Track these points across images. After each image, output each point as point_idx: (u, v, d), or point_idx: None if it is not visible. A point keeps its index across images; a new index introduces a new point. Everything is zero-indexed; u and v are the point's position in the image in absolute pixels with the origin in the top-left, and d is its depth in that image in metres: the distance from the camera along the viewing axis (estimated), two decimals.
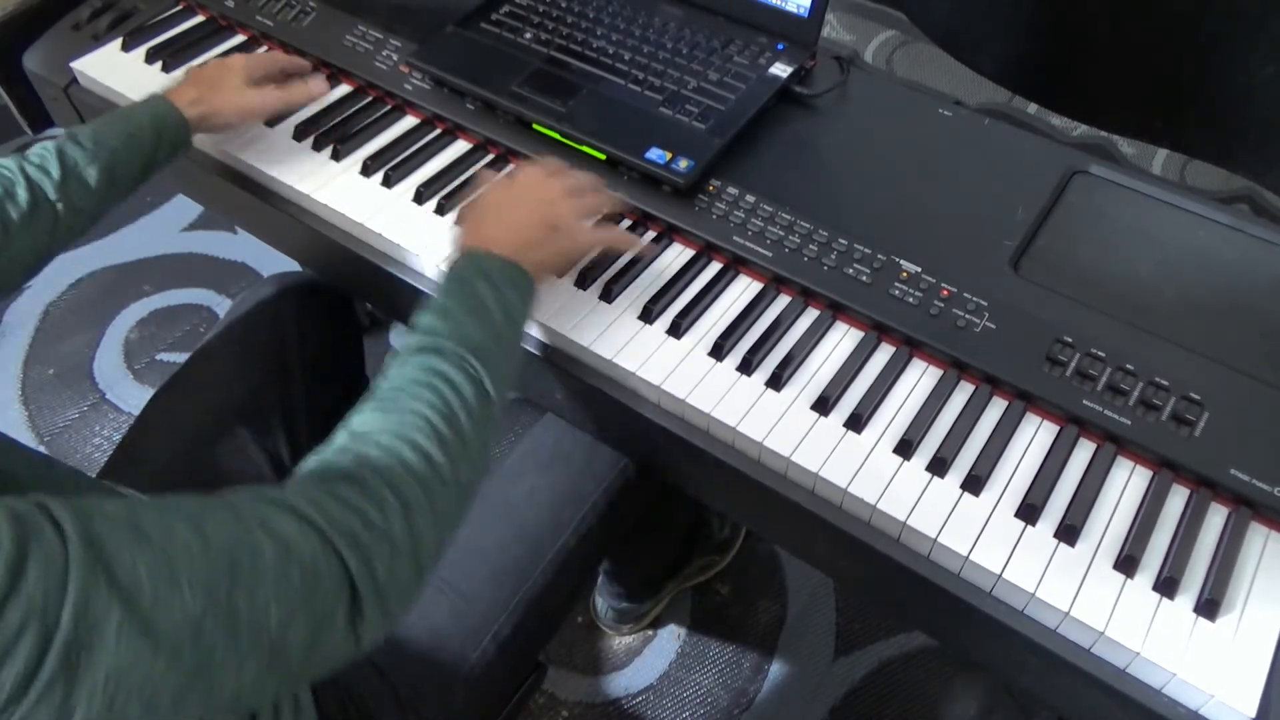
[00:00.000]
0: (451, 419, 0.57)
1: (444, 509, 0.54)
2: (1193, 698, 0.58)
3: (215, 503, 0.45)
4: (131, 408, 1.56)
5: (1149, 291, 0.74)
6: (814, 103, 0.90)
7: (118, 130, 0.77)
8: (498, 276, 0.66)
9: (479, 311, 0.63)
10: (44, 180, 0.72)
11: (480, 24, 0.94)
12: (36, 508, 0.39)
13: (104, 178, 0.75)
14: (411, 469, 0.53)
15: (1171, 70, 0.92)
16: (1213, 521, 0.64)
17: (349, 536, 0.48)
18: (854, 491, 0.65)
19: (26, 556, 0.36)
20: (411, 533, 0.51)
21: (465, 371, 0.59)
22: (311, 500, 0.48)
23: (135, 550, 0.40)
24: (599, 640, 1.30)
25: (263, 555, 0.44)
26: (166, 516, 0.42)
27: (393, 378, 0.59)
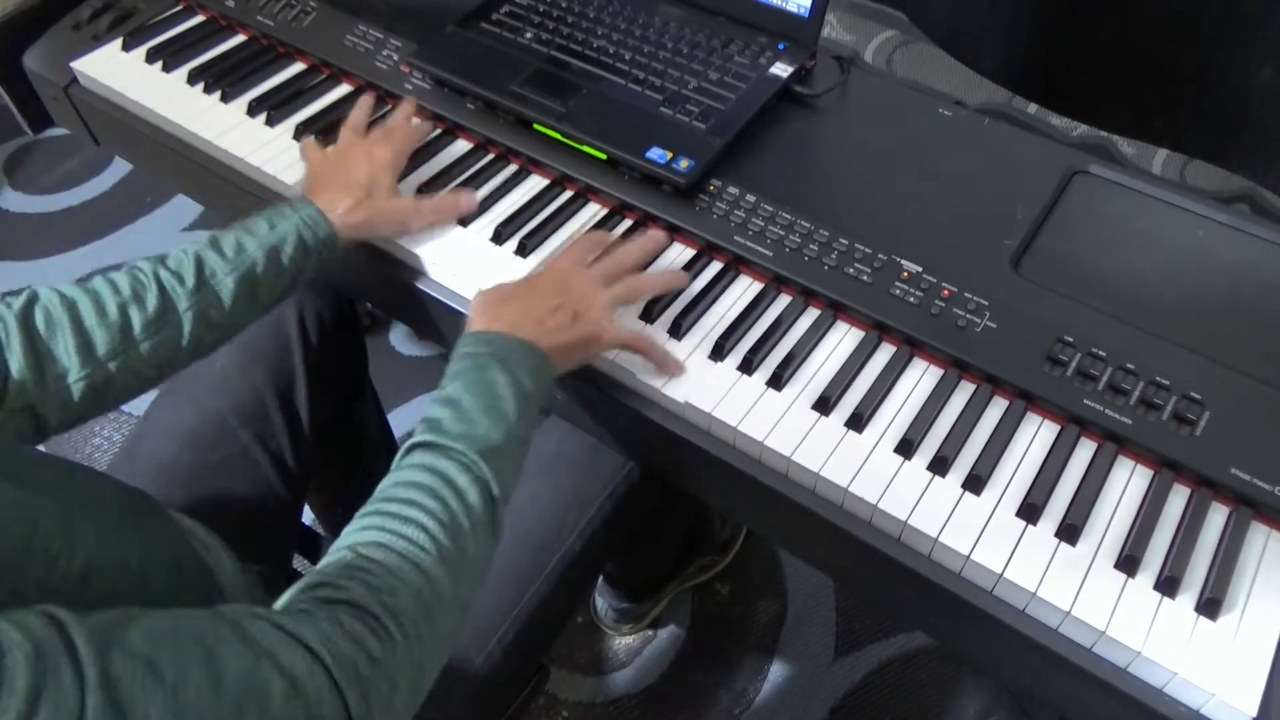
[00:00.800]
0: (455, 531, 0.55)
1: (444, 630, 0.53)
2: (1194, 697, 0.58)
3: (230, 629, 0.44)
4: (132, 408, 1.56)
5: (1149, 291, 0.74)
6: (814, 103, 0.90)
7: (262, 239, 0.71)
8: (515, 363, 0.63)
9: (491, 406, 0.60)
10: (177, 287, 0.67)
11: (480, 24, 0.94)
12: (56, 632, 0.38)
13: (243, 291, 0.69)
14: (415, 593, 0.52)
15: (1171, 70, 0.92)
16: (1214, 521, 0.64)
17: (353, 673, 0.47)
18: (855, 491, 0.65)
19: (39, 703, 0.36)
20: (412, 664, 0.50)
21: (472, 474, 0.57)
22: (320, 634, 0.47)
23: (150, 696, 0.39)
24: (599, 640, 1.30)
25: (271, 694, 0.43)
26: (183, 650, 0.42)
27: (399, 475, 0.57)
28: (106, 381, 0.64)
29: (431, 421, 0.60)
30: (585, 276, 0.71)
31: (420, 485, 0.56)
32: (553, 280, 0.70)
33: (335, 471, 1.08)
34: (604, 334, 0.69)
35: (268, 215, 0.73)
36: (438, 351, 1.64)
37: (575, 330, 0.68)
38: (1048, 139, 0.86)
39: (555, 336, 0.66)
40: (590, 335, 0.69)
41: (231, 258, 0.69)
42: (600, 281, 0.71)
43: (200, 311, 0.68)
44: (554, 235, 0.82)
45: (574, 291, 0.69)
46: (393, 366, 1.61)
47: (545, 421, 0.89)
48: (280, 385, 0.88)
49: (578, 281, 0.70)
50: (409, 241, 0.81)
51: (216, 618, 0.45)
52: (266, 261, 0.71)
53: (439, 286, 0.81)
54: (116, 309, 0.64)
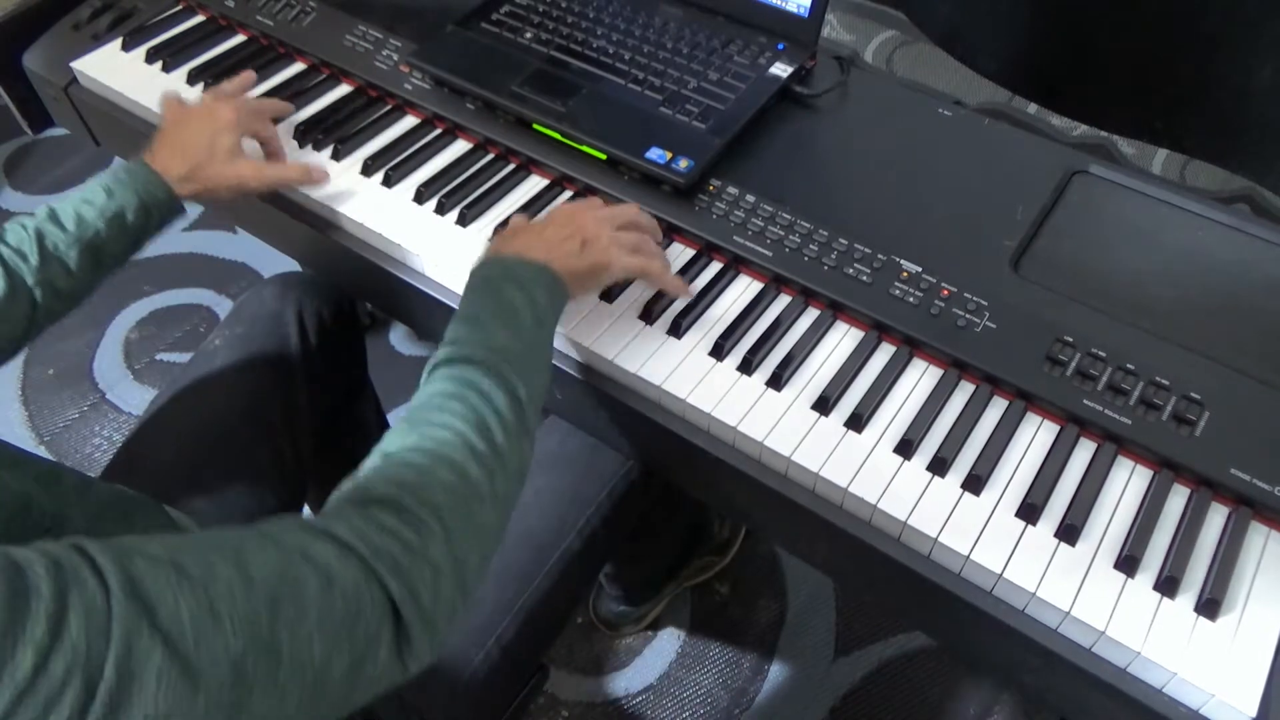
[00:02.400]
0: (485, 430, 0.55)
1: (483, 524, 0.53)
2: (1193, 697, 0.58)
3: (255, 534, 0.45)
4: (131, 408, 1.56)
5: (1149, 291, 0.74)
6: (814, 103, 0.90)
7: (101, 209, 0.73)
8: (527, 280, 0.64)
9: (508, 316, 0.62)
10: (21, 265, 0.69)
11: (480, 24, 0.94)
12: (76, 551, 0.38)
13: (87, 260, 0.71)
14: (448, 487, 0.52)
15: (1172, 70, 0.92)
16: (1213, 521, 0.64)
17: (390, 562, 0.47)
18: (854, 491, 0.65)
19: (67, 606, 0.36)
20: (452, 554, 0.50)
21: (497, 380, 0.58)
22: (352, 527, 0.47)
23: (177, 590, 0.39)
24: (599, 640, 1.30)
25: (305, 587, 0.43)
26: (208, 553, 0.42)
27: (424, 392, 0.58)
28: None
29: (451, 337, 0.61)
30: (594, 214, 0.72)
31: (446, 393, 0.57)
32: (562, 214, 0.72)
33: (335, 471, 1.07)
34: (613, 262, 0.70)
35: (105, 183, 0.74)
36: None
37: (585, 257, 0.69)
38: (1048, 139, 0.86)
39: (566, 260, 0.68)
40: (599, 262, 0.70)
41: (72, 230, 0.71)
42: (608, 221, 0.72)
43: (48, 284, 0.70)
44: None
45: (583, 224, 0.71)
46: (393, 366, 1.61)
47: (545, 421, 0.89)
48: (279, 385, 0.88)
49: (587, 216, 0.72)
50: (407, 240, 0.81)
51: (241, 528, 0.45)
52: (108, 229, 0.73)
53: (439, 286, 0.81)
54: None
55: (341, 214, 0.84)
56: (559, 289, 0.66)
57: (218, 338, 0.91)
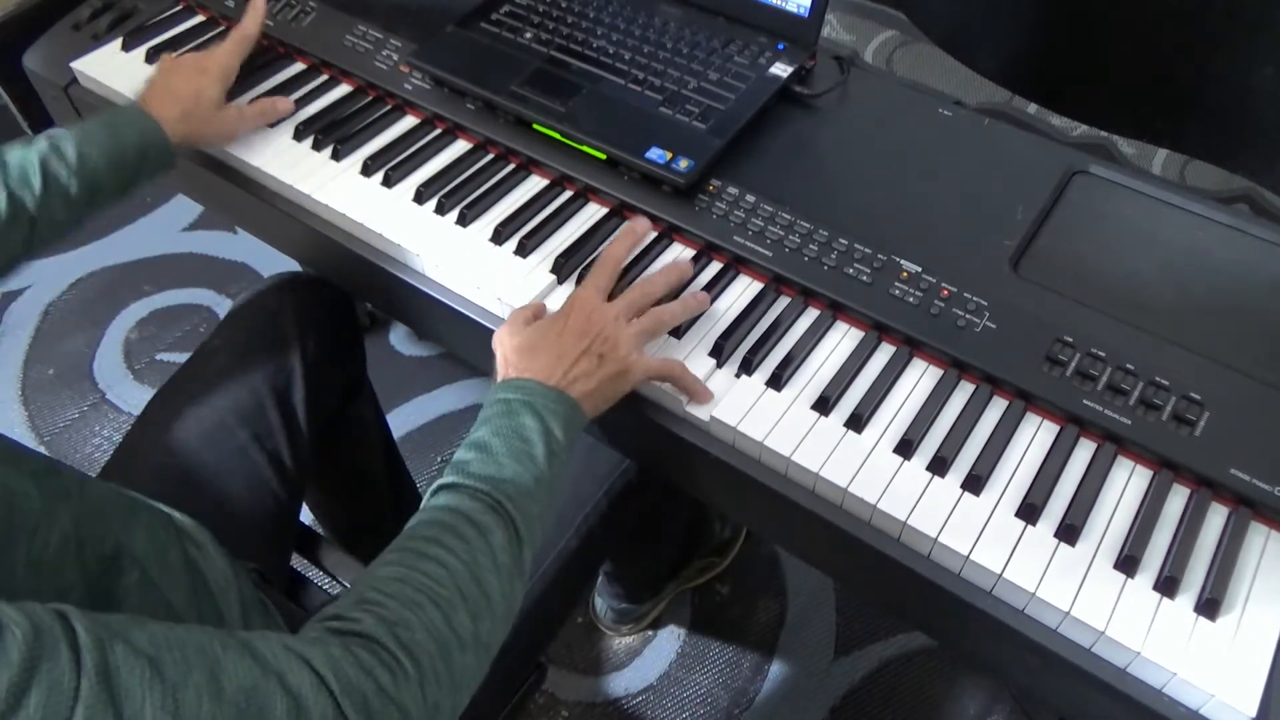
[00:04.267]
0: (476, 570, 0.55)
1: (462, 670, 0.52)
2: (1193, 697, 0.58)
3: (237, 645, 0.44)
4: (131, 408, 1.56)
5: (1149, 291, 0.74)
6: (814, 103, 0.90)
7: (102, 147, 0.76)
8: (545, 409, 0.63)
9: (520, 447, 0.60)
10: (25, 193, 0.72)
11: (480, 24, 0.94)
12: (59, 621, 0.38)
13: (84, 194, 0.75)
14: (431, 631, 0.51)
15: (1172, 70, 0.92)
16: (1213, 521, 0.64)
17: (360, 701, 0.46)
18: (854, 491, 0.65)
19: (33, 680, 0.36)
20: (426, 699, 0.49)
21: (498, 514, 0.57)
22: (329, 658, 0.47)
23: (148, 690, 0.39)
24: (599, 640, 1.30)
25: (272, 712, 0.43)
26: (188, 655, 0.42)
27: (423, 515, 0.57)
28: None
29: (459, 464, 0.60)
30: (608, 313, 0.70)
31: (443, 524, 0.56)
32: (577, 322, 0.69)
33: (334, 471, 1.08)
34: (632, 369, 0.69)
35: (107, 122, 0.78)
36: (438, 351, 1.64)
37: (602, 371, 0.67)
38: (1048, 139, 0.86)
39: (584, 383, 0.66)
40: (618, 372, 0.68)
41: (74, 164, 0.74)
42: (625, 315, 0.70)
43: (48, 213, 0.73)
44: (553, 235, 0.82)
45: (598, 332, 0.68)
46: (392, 366, 1.61)
47: None
48: (278, 384, 0.88)
49: (601, 320, 0.69)
50: (408, 240, 0.81)
51: (224, 634, 0.45)
52: (108, 168, 0.76)
53: (439, 286, 0.81)
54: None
55: (341, 214, 0.84)
56: (577, 418, 0.65)
57: (217, 337, 0.91)
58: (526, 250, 0.80)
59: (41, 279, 1.74)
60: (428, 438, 1.51)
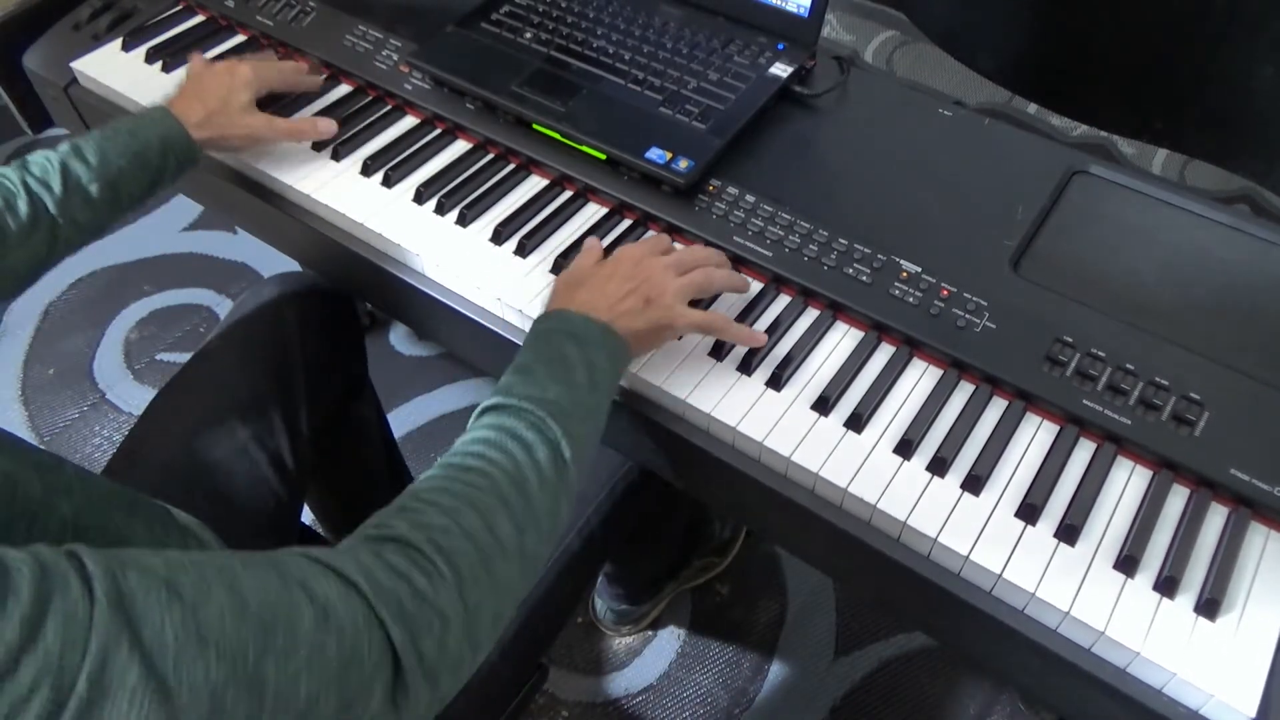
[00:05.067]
0: (521, 483, 0.54)
1: (505, 580, 0.51)
2: (1193, 697, 0.58)
3: (258, 559, 0.43)
4: (131, 408, 1.56)
5: (1149, 291, 0.74)
6: (814, 103, 0.90)
7: (124, 147, 0.76)
8: (584, 335, 0.63)
9: (562, 371, 0.60)
10: (45, 194, 0.71)
11: (480, 24, 0.94)
12: (67, 557, 0.37)
13: (107, 195, 0.74)
14: (472, 536, 0.50)
15: (1171, 70, 0.92)
16: (1213, 521, 0.64)
17: (395, 606, 0.45)
18: (854, 491, 0.65)
19: (46, 611, 0.35)
20: (466, 606, 0.48)
21: (541, 433, 0.56)
22: (360, 565, 0.45)
23: (166, 609, 0.38)
24: (599, 641, 1.30)
25: (300, 621, 0.41)
26: (205, 573, 0.40)
27: (466, 436, 0.57)
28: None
29: (502, 387, 0.59)
30: (658, 263, 0.70)
31: (487, 440, 0.56)
32: (626, 265, 0.70)
33: (335, 471, 1.08)
34: (677, 319, 0.69)
35: (129, 124, 0.78)
36: (438, 351, 1.64)
37: (648, 315, 0.67)
38: (1048, 139, 0.86)
39: (628, 320, 0.66)
40: (663, 321, 0.68)
41: (95, 165, 0.74)
42: (673, 269, 0.71)
43: (69, 216, 0.72)
44: (553, 235, 0.82)
45: (647, 277, 0.69)
46: (393, 366, 1.61)
47: None
48: (279, 385, 0.88)
49: (650, 268, 0.70)
50: (407, 240, 0.81)
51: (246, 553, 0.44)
52: (130, 168, 0.75)
53: (439, 286, 0.81)
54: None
55: (341, 214, 0.84)
56: (621, 351, 0.65)
57: (217, 337, 0.91)
58: (526, 250, 0.80)
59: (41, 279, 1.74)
60: (428, 438, 1.51)
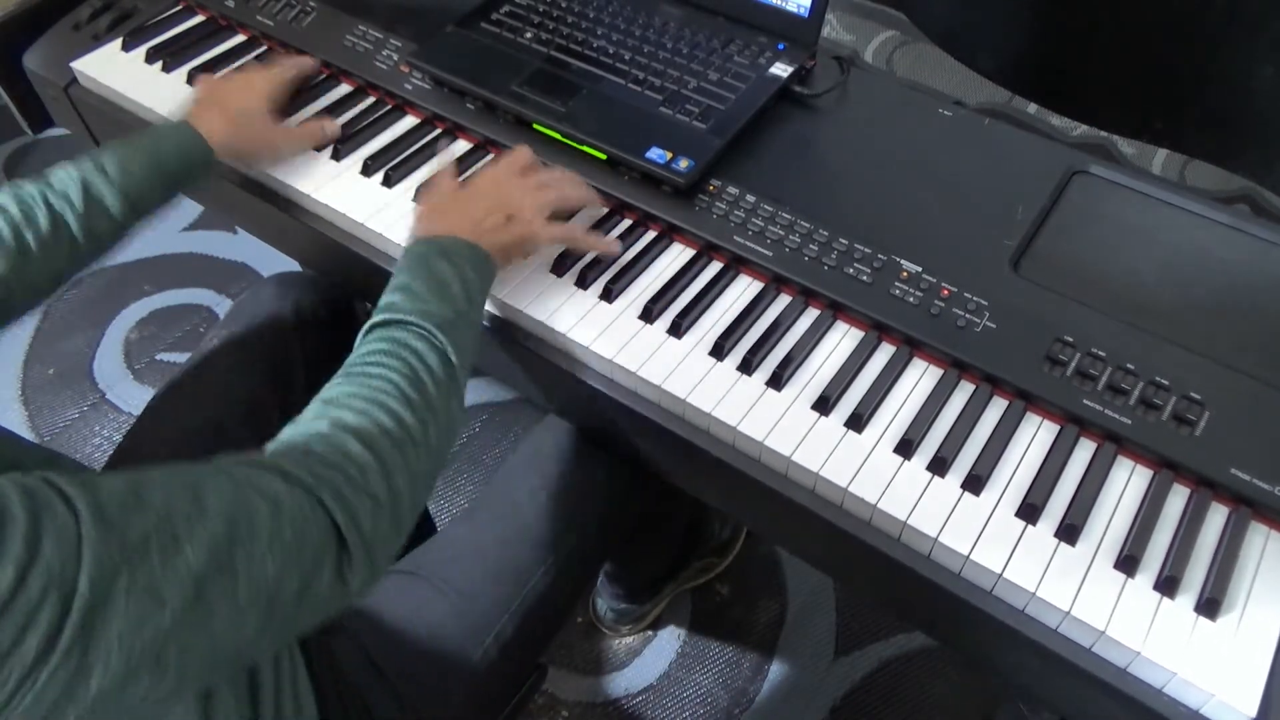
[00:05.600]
0: (419, 384, 0.59)
1: (418, 468, 0.57)
2: (1193, 697, 0.58)
3: (208, 469, 0.49)
4: (131, 408, 1.56)
5: (1149, 291, 0.74)
6: (814, 103, 0.90)
7: (143, 160, 0.76)
8: (456, 255, 0.68)
9: (439, 288, 0.65)
10: (66, 209, 0.72)
11: (480, 24, 0.94)
12: (45, 483, 0.41)
13: (126, 208, 0.75)
14: (385, 430, 0.56)
15: (1171, 70, 0.92)
16: (1213, 521, 0.64)
17: (333, 491, 0.51)
18: (854, 491, 0.65)
19: (41, 529, 0.39)
20: (390, 489, 0.54)
21: (429, 342, 0.62)
22: (296, 461, 0.52)
23: (140, 515, 0.42)
24: (599, 640, 1.30)
25: (256, 514, 0.47)
26: (167, 485, 0.45)
27: (359, 350, 0.62)
28: (7, 294, 0.69)
29: (385, 304, 0.64)
30: (517, 183, 0.76)
31: (381, 350, 0.61)
32: (486, 187, 0.76)
33: None
34: (538, 234, 0.75)
35: (150, 135, 0.79)
36: None
37: (510, 230, 0.73)
38: (1048, 139, 0.86)
39: (492, 236, 0.72)
40: (525, 235, 0.74)
41: (115, 177, 0.74)
42: (531, 187, 0.76)
43: (88, 227, 0.73)
44: None
45: (507, 196, 0.75)
46: None
47: (544, 420, 0.89)
48: (278, 384, 0.88)
49: (510, 187, 0.76)
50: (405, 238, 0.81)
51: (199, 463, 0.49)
52: (148, 180, 0.76)
53: None
54: (10, 232, 0.69)
55: (342, 214, 0.84)
56: (488, 265, 0.70)
57: (216, 337, 0.91)
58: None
59: None
60: None
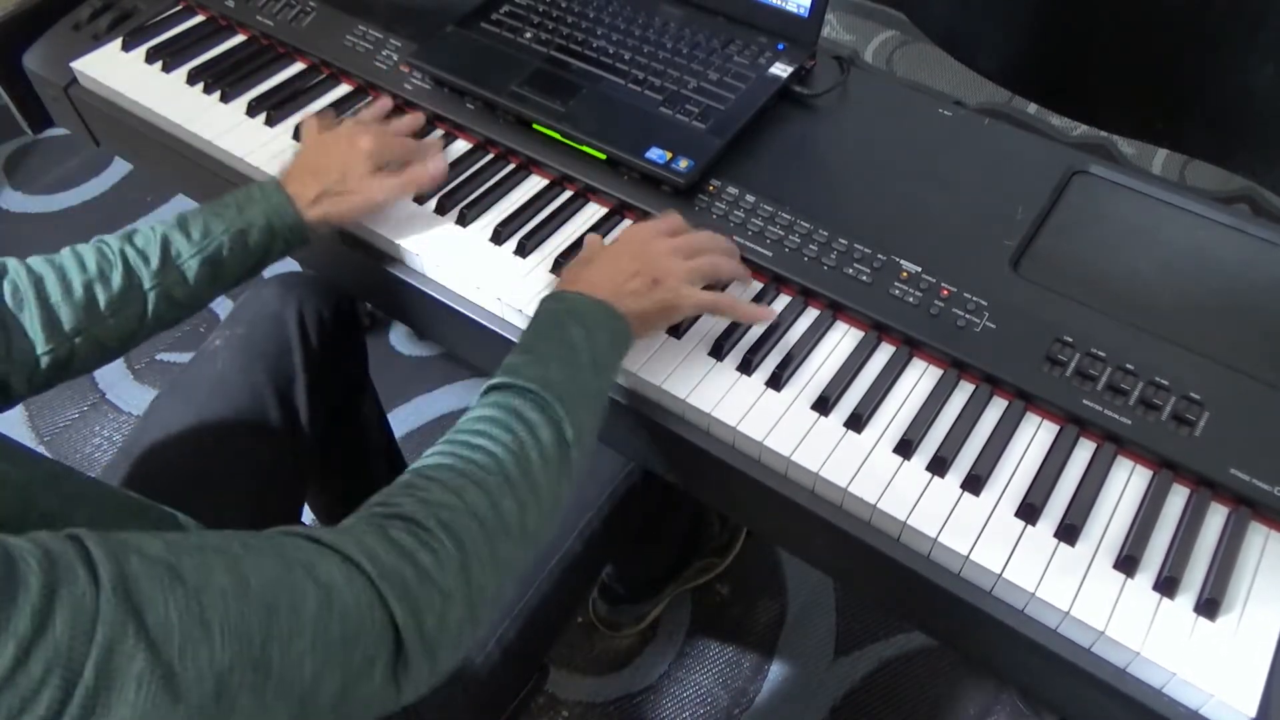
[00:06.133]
0: (524, 462, 0.54)
1: (506, 558, 0.51)
2: (1193, 697, 0.58)
3: (261, 542, 0.43)
4: (131, 408, 1.56)
5: (1149, 291, 0.74)
6: (814, 103, 0.90)
7: (229, 224, 0.72)
8: (590, 318, 0.63)
9: (566, 353, 0.60)
10: (142, 267, 0.68)
11: (480, 24, 0.94)
12: (72, 544, 0.38)
13: (206, 272, 0.71)
14: (475, 513, 0.50)
15: (1171, 70, 0.92)
16: (1213, 521, 0.64)
17: (399, 585, 0.45)
18: (854, 491, 0.65)
19: (54, 602, 0.35)
20: (467, 582, 0.48)
21: (545, 414, 0.57)
22: (363, 544, 0.45)
23: (169, 594, 0.38)
24: (599, 641, 1.30)
25: (304, 603, 0.42)
26: (207, 557, 0.41)
27: (470, 415, 0.57)
28: (70, 354, 0.66)
29: (507, 367, 0.60)
30: (665, 245, 0.70)
31: (491, 419, 0.56)
32: (633, 246, 0.70)
33: (335, 472, 1.08)
34: (683, 301, 0.69)
35: (238, 199, 0.74)
36: (438, 351, 1.64)
37: (654, 296, 0.67)
38: (1048, 139, 0.86)
39: (633, 301, 0.66)
40: (669, 303, 0.68)
41: (198, 240, 0.71)
42: (680, 253, 0.70)
43: (164, 291, 0.69)
44: (553, 235, 0.82)
45: (653, 259, 0.69)
46: (393, 366, 1.61)
47: None
48: (280, 385, 0.88)
49: (657, 249, 0.70)
50: (407, 240, 0.81)
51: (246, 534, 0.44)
52: (231, 245, 0.72)
53: (439, 286, 0.81)
54: (82, 287, 0.66)
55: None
56: (623, 332, 0.65)
57: (218, 338, 0.91)
58: (526, 250, 0.80)
59: None
60: (428, 438, 1.51)
